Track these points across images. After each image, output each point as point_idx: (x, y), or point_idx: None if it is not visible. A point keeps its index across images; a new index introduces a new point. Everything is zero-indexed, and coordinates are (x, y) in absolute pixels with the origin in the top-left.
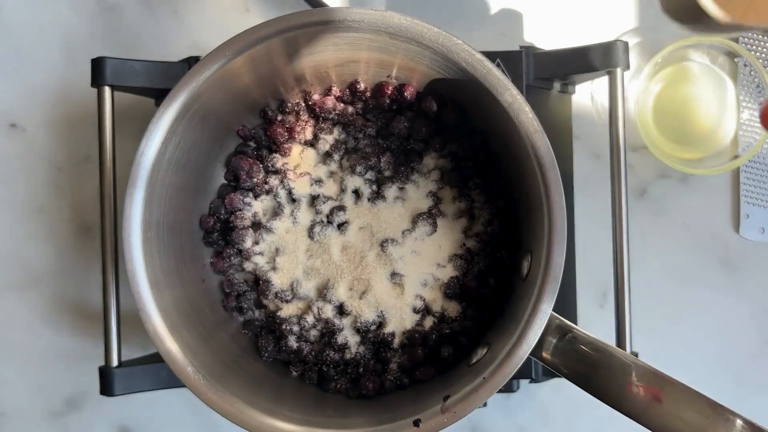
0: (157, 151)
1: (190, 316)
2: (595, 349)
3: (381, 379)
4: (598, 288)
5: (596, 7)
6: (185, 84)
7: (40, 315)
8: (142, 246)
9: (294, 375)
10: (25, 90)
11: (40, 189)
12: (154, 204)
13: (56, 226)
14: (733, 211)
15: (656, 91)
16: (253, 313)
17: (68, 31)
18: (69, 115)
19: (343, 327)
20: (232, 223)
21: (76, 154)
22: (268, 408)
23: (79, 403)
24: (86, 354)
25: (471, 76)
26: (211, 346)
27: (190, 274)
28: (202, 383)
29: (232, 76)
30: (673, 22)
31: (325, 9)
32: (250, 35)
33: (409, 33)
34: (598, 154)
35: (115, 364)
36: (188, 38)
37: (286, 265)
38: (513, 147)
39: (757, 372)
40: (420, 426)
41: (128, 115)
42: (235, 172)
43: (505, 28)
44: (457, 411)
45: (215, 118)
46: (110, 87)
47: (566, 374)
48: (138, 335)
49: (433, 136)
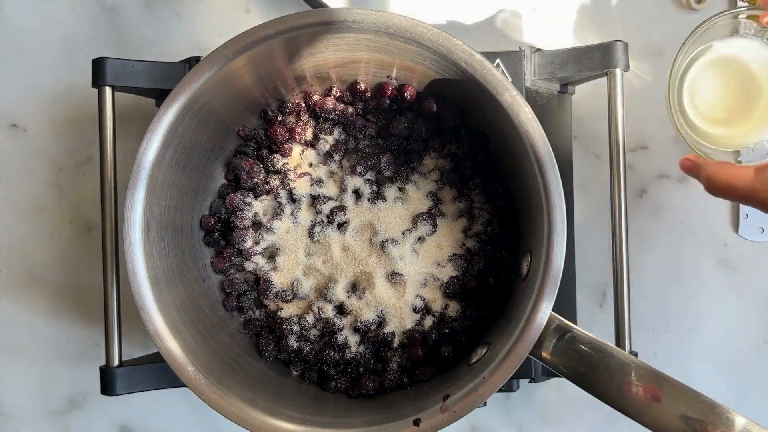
0: (158, 151)
1: (191, 316)
2: (595, 349)
3: (381, 379)
4: (598, 288)
5: (596, 8)
6: (186, 84)
7: (41, 314)
8: (143, 246)
9: (294, 374)
10: (27, 90)
11: (42, 189)
12: (155, 204)
13: (57, 226)
14: (732, 210)
15: (694, 72)
16: (254, 313)
17: (69, 31)
18: (70, 115)
19: (343, 326)
20: (232, 223)
21: (77, 154)
22: (268, 407)
23: (80, 402)
24: (87, 353)
25: (471, 76)
26: (212, 346)
27: (190, 273)
28: (203, 383)
29: (233, 77)
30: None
31: (326, 10)
32: (250, 36)
33: (409, 34)
34: (598, 154)
35: (116, 364)
36: (189, 39)
37: (287, 265)
38: (512, 147)
39: (756, 372)
40: (420, 425)
41: (129, 115)
42: (235, 173)
43: (505, 28)
44: (457, 410)
45: (216, 119)
46: (111, 87)
47: (566, 374)
48: (139, 335)
49: (433, 136)
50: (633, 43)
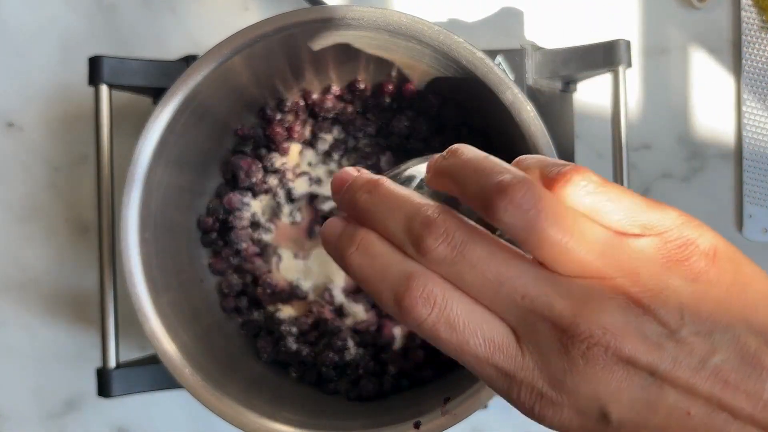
0: (155, 150)
1: (188, 317)
2: None
3: (381, 381)
4: None
5: (598, 5)
6: (183, 83)
7: (37, 315)
8: (140, 246)
9: (293, 376)
10: (22, 89)
11: (37, 188)
12: (152, 203)
13: (53, 226)
14: (735, 211)
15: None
16: (252, 314)
17: (65, 29)
18: (66, 114)
19: (342, 328)
20: (230, 223)
21: (73, 153)
22: (266, 410)
23: (76, 404)
24: (84, 355)
25: (472, 74)
26: (210, 347)
27: (188, 274)
28: (200, 384)
29: (231, 75)
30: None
31: (325, 7)
32: (248, 33)
33: (409, 31)
34: (601, 153)
35: (113, 365)
36: (186, 37)
37: (285, 266)
38: (514, 146)
39: None
40: (420, 428)
41: (126, 113)
42: (233, 172)
43: (506, 26)
44: (458, 413)
45: (213, 117)
46: (107, 86)
47: None
48: (136, 336)
49: (434, 135)
50: (636, 41)
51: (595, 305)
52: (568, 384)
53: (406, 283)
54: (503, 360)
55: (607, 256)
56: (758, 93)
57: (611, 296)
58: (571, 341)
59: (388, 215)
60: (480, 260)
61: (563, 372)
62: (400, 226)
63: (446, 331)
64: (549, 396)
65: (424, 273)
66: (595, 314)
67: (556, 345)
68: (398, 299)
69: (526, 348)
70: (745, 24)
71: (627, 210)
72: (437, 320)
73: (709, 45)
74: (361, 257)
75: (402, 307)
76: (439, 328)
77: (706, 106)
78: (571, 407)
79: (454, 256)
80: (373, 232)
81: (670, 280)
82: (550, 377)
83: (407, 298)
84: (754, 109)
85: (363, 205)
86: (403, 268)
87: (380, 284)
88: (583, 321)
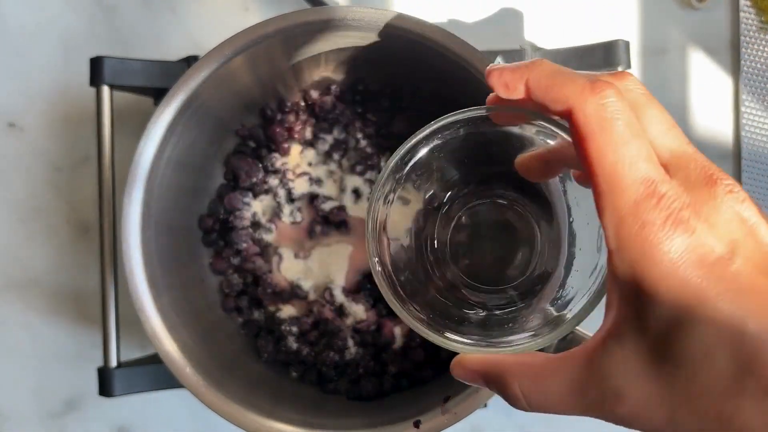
0: (156, 151)
1: (189, 317)
2: None
3: (381, 380)
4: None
5: (598, 6)
6: (184, 83)
7: (38, 315)
8: (141, 246)
9: (293, 376)
10: (24, 89)
11: (39, 189)
12: (153, 204)
13: (55, 226)
14: None
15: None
16: (252, 314)
17: (66, 30)
18: (67, 114)
19: (342, 328)
20: (231, 223)
21: (74, 153)
22: (267, 409)
23: (77, 403)
24: (85, 354)
25: (472, 75)
26: (210, 347)
27: (189, 274)
28: (201, 384)
29: (232, 76)
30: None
31: (325, 8)
32: (249, 34)
33: (409, 33)
34: None
35: (114, 365)
36: (187, 37)
37: (286, 266)
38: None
39: None
40: (420, 427)
41: (127, 114)
42: (234, 172)
43: (506, 26)
44: (458, 412)
45: (214, 118)
46: (109, 86)
47: None
48: (137, 336)
49: None
50: (635, 41)
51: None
52: (705, 211)
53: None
54: (653, 168)
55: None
56: (757, 93)
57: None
58: (719, 179)
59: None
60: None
61: (704, 201)
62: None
63: (620, 124)
64: (683, 217)
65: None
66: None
67: (703, 179)
68: (591, 85)
69: (674, 175)
70: (743, 25)
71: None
72: (620, 108)
73: (708, 45)
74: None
75: (594, 86)
76: (618, 116)
77: (705, 106)
78: (701, 234)
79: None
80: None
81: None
82: (693, 200)
83: (600, 85)
84: (753, 109)
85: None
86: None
87: (572, 82)
88: (725, 175)
